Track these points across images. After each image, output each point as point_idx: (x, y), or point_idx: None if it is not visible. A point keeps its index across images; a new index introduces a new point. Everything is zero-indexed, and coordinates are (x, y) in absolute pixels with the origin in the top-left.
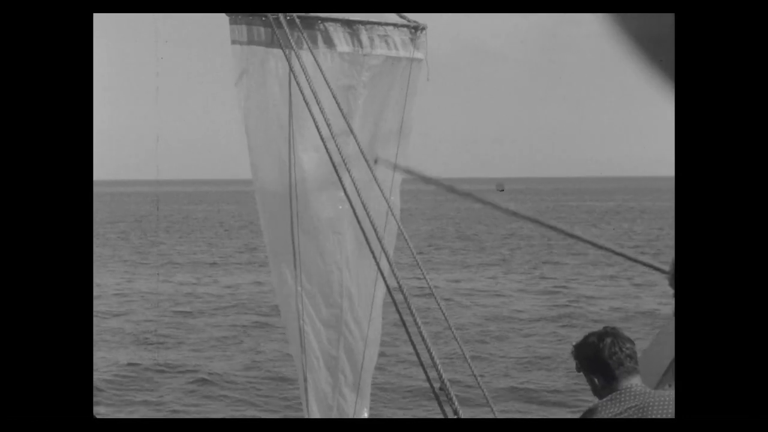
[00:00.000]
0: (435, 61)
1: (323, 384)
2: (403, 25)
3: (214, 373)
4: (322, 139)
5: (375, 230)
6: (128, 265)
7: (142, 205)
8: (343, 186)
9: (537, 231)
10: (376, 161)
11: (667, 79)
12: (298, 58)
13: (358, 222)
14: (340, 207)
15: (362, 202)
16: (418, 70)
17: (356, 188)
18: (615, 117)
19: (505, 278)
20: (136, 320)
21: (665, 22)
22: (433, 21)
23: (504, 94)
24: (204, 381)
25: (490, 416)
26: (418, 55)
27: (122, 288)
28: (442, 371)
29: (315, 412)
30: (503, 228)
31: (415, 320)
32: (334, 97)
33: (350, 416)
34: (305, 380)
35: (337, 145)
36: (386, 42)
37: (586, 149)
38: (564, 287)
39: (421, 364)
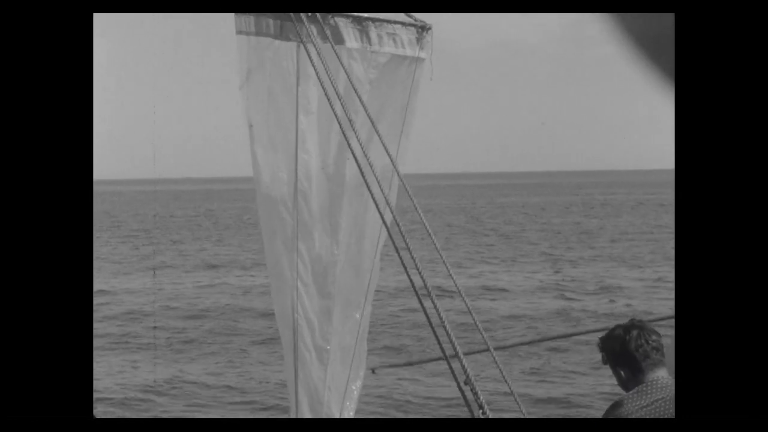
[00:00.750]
0: (457, 56)
1: (314, 379)
2: (410, 24)
3: (206, 375)
4: (342, 129)
5: (398, 224)
6: (145, 265)
7: (150, 205)
8: (364, 178)
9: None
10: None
11: (667, 79)
12: (319, 51)
13: (380, 213)
14: (339, 200)
15: (383, 193)
16: (422, 69)
17: (377, 178)
18: (629, 112)
19: (516, 273)
20: (142, 324)
21: (665, 23)
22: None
23: (522, 87)
24: (196, 383)
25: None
26: (423, 54)
27: (140, 288)
28: (466, 364)
29: (305, 408)
30: (516, 224)
31: (438, 312)
32: (355, 90)
33: (337, 413)
34: (296, 375)
35: (357, 137)
36: (394, 40)
37: (607, 142)
38: (574, 281)
39: (445, 357)
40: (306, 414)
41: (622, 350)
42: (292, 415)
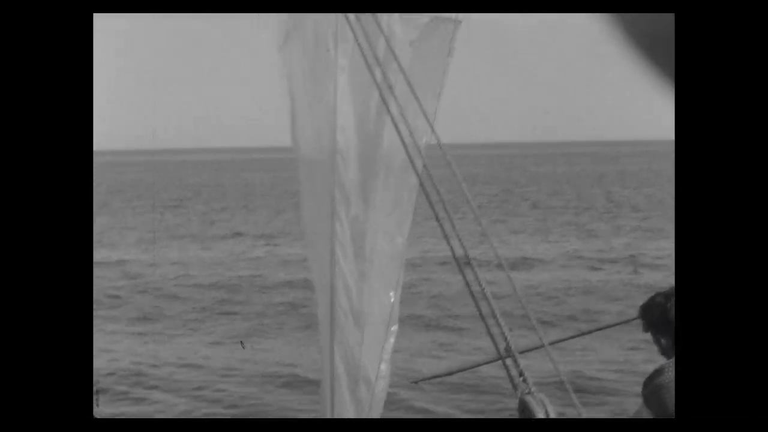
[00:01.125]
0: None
1: (351, 343)
2: None
3: (221, 347)
4: (380, 93)
5: (438, 191)
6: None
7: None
8: (403, 142)
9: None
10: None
11: (667, 79)
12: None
13: (420, 179)
14: (374, 164)
15: (422, 158)
16: (458, 32)
17: (416, 144)
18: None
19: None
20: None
21: (665, 22)
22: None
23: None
24: (211, 357)
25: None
26: (460, 17)
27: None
28: (507, 333)
29: (341, 372)
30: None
31: (478, 281)
32: (393, 52)
33: (373, 377)
34: (331, 340)
35: (396, 101)
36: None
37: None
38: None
39: (485, 325)
40: (342, 379)
41: (662, 318)
42: (327, 381)
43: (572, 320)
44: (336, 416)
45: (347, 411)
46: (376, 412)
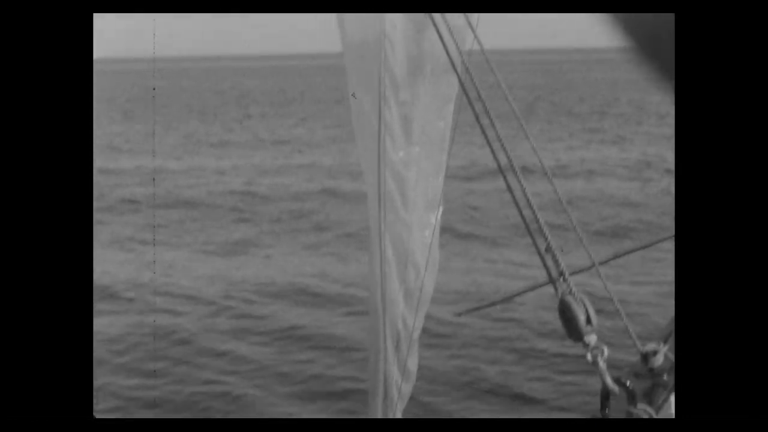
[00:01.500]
0: None
1: (400, 228)
2: None
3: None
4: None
5: (479, 93)
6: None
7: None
8: (443, 42)
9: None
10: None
11: (667, 79)
12: None
13: (460, 81)
14: (422, 59)
15: (464, 60)
16: None
17: (456, 43)
18: None
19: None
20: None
21: (665, 22)
22: None
23: None
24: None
25: None
26: None
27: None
28: (547, 232)
29: (389, 254)
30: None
31: (519, 181)
32: None
33: (423, 265)
34: (380, 225)
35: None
36: None
37: None
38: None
39: (526, 225)
40: (392, 263)
41: None
42: (377, 265)
43: (590, 225)
44: (387, 305)
45: (397, 300)
46: (423, 306)
